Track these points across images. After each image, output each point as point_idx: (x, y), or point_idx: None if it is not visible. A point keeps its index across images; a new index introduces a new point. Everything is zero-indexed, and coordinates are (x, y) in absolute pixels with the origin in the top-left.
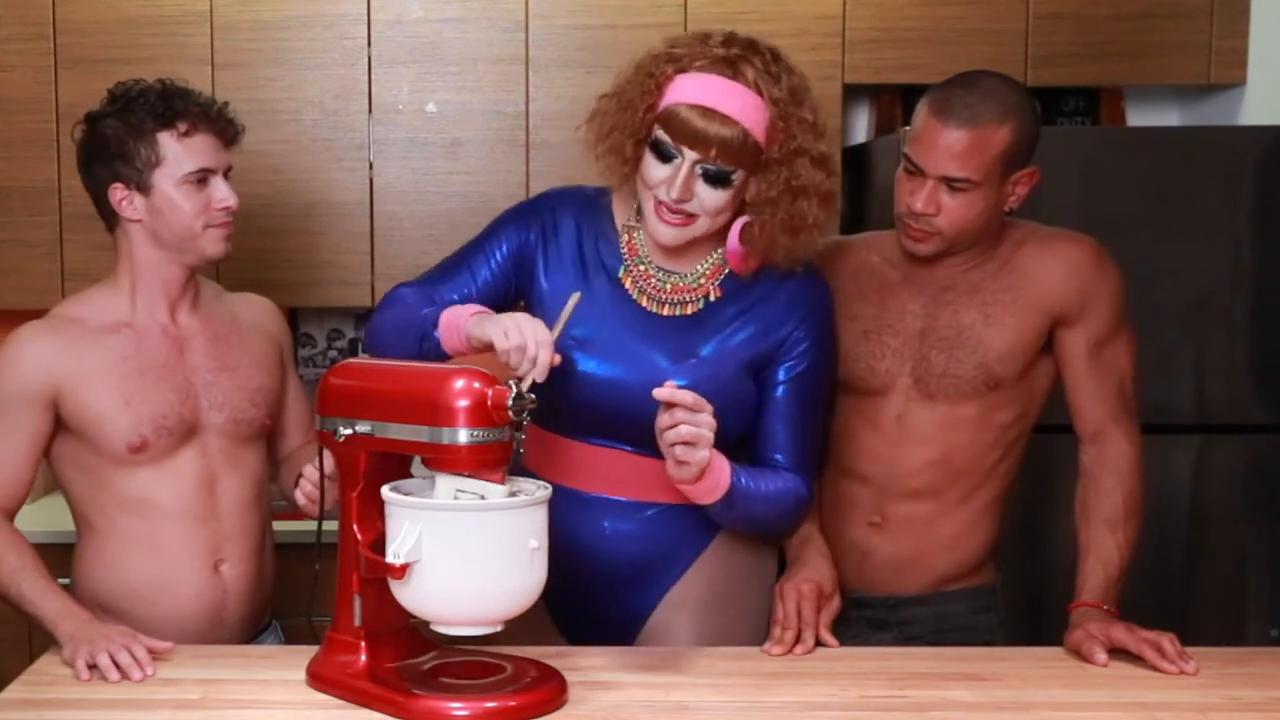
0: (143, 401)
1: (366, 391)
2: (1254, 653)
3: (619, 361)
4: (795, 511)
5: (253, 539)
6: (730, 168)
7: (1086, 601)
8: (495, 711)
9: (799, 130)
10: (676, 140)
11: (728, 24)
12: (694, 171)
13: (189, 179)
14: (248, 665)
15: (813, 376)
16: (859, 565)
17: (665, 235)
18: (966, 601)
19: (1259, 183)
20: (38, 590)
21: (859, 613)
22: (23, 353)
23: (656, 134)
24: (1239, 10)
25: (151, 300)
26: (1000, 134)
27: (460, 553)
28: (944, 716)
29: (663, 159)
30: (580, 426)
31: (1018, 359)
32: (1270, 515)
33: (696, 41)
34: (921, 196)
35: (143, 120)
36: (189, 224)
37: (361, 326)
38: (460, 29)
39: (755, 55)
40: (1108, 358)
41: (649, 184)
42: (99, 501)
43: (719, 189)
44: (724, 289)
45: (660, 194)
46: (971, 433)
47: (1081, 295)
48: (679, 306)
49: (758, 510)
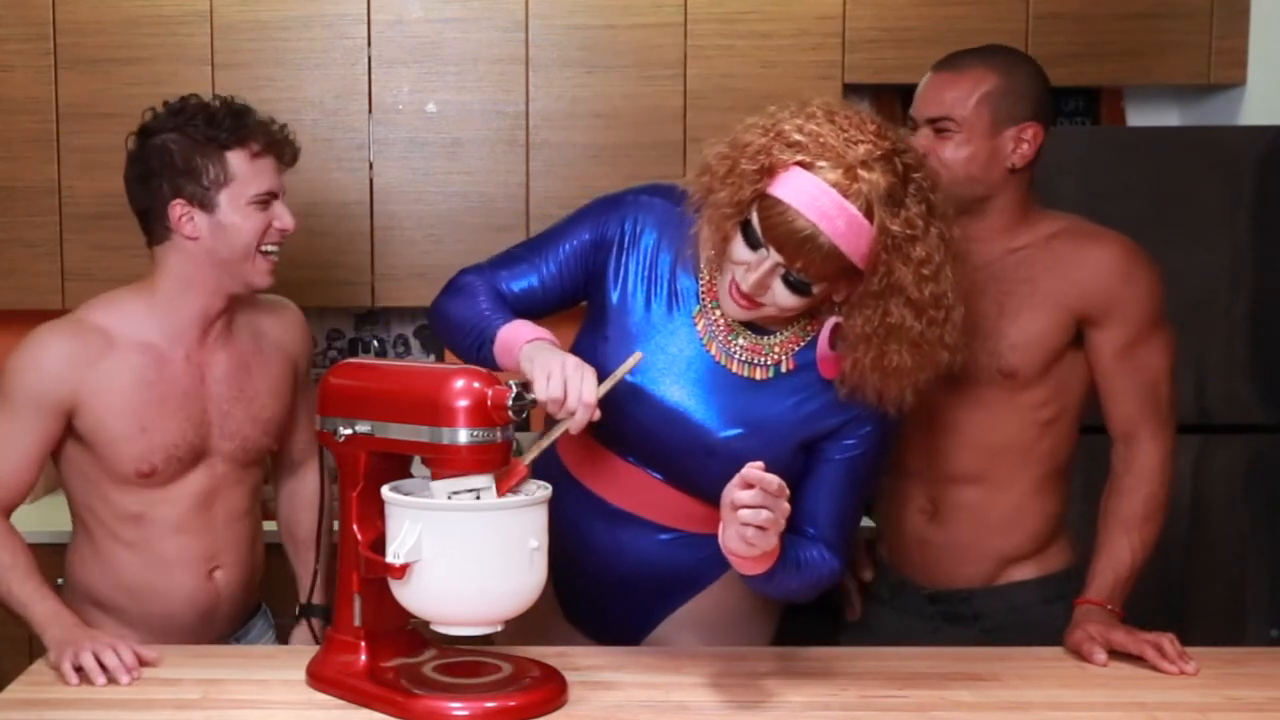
0: (158, 430)
1: (366, 391)
2: (1254, 653)
3: (674, 398)
4: (825, 584)
5: (245, 545)
6: (814, 281)
7: (1092, 599)
8: (495, 711)
9: (901, 267)
10: (767, 237)
11: (727, 24)
12: (775, 272)
13: (255, 200)
14: (248, 665)
15: (866, 460)
16: (919, 555)
17: (732, 311)
18: (1038, 590)
19: (1259, 183)
20: (28, 591)
21: (934, 607)
22: (47, 356)
23: (750, 216)
24: (1239, 10)
25: (185, 321)
26: (985, 78)
27: (460, 553)
28: (944, 716)
29: (750, 244)
30: (620, 442)
31: (1033, 350)
32: (1270, 515)
33: (834, 131)
34: (918, 144)
35: (213, 136)
36: (248, 244)
37: (362, 327)
38: (460, 29)
39: (887, 170)
40: (1138, 360)
41: (731, 260)
42: (97, 510)
43: (797, 295)
44: (798, 362)
45: (738, 275)
46: (998, 416)
47: (1107, 298)
48: (748, 367)
49: (792, 584)
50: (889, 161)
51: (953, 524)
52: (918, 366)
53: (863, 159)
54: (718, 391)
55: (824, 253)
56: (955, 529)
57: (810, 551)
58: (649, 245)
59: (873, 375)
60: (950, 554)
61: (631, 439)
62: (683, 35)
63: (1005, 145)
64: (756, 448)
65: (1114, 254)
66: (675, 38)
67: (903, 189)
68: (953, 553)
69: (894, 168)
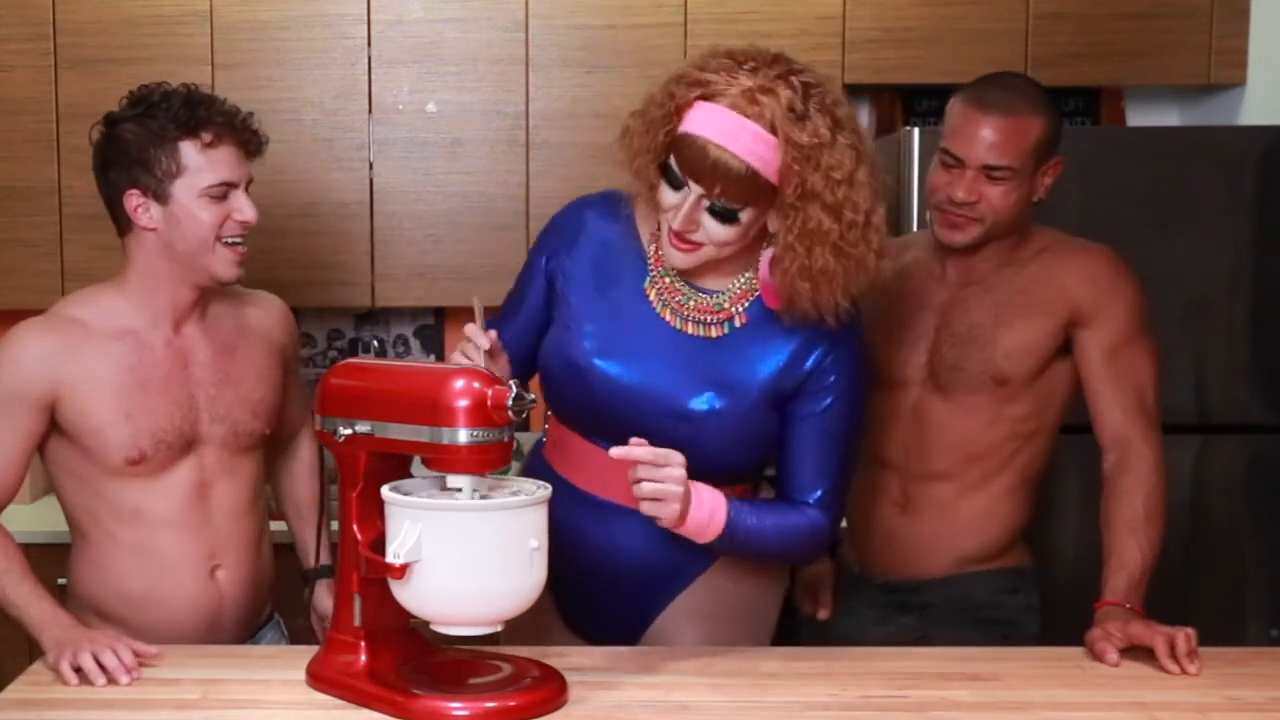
0: (143, 415)
1: (366, 391)
2: (1254, 653)
3: (637, 371)
4: (812, 544)
5: (248, 544)
6: (737, 205)
7: (1109, 600)
8: (495, 711)
9: (812, 174)
10: (684, 172)
11: (727, 24)
12: (700, 204)
13: (209, 191)
14: (248, 665)
15: (838, 411)
16: (884, 547)
17: (675, 260)
18: (990, 582)
19: (1259, 183)
20: (23, 594)
21: (888, 597)
22: (23, 351)
23: (669, 160)
24: (1239, 10)
25: (158, 311)
26: (1035, 124)
27: (460, 553)
28: (944, 716)
29: (673, 186)
30: (595, 429)
31: (1025, 358)
32: (1270, 515)
33: (727, 66)
34: (963, 186)
35: (165, 127)
36: (204, 236)
37: (362, 327)
38: (460, 29)
39: (785, 88)
40: (1124, 364)
41: (661, 207)
42: (93, 510)
43: (725, 225)
44: (750, 316)
45: (668, 217)
46: (984, 423)
47: (1095, 300)
48: (702, 327)
49: (767, 545)
50: (786, 80)
51: (923, 519)
52: (846, 271)
53: (761, 83)
54: (678, 355)
55: (738, 174)
56: (925, 524)
57: (788, 515)
58: (588, 240)
59: (803, 284)
60: (915, 547)
61: (605, 420)
62: (683, 35)
63: (1038, 183)
64: (725, 410)
65: (1099, 261)
66: (675, 38)
67: (804, 104)
68: (917, 546)
69: (792, 85)
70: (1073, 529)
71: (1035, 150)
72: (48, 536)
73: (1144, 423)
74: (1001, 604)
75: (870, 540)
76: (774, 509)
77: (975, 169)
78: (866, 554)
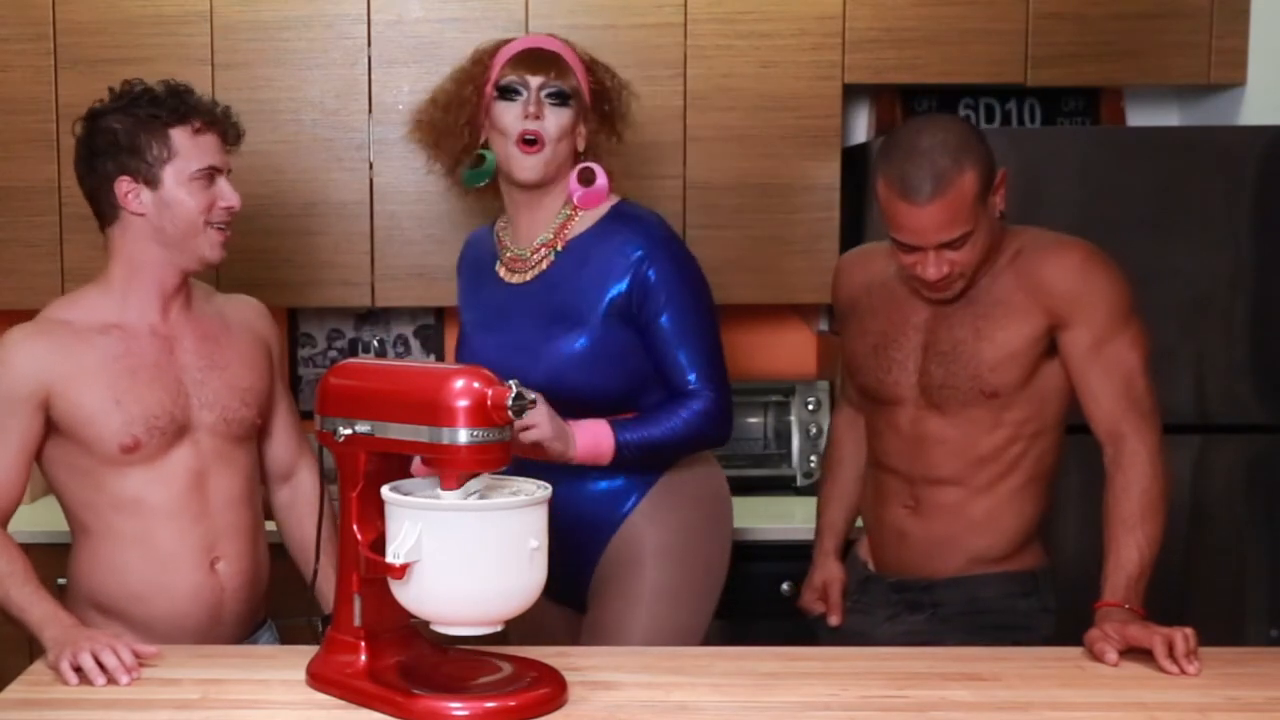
0: (134, 401)
1: (366, 391)
2: (1254, 653)
3: (499, 332)
4: (710, 424)
5: (246, 536)
6: (569, 87)
7: (1108, 601)
8: (495, 711)
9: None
10: (522, 70)
11: (728, 24)
12: (540, 97)
13: (198, 175)
14: (248, 665)
15: (679, 305)
16: (897, 547)
17: (526, 168)
18: (1001, 585)
19: (1259, 183)
20: (25, 595)
21: (899, 595)
22: (13, 355)
23: (502, 81)
24: (1239, 10)
25: (144, 300)
26: (967, 179)
27: (460, 553)
28: (944, 716)
29: (512, 96)
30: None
31: (1012, 368)
32: (1270, 515)
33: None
34: (930, 265)
35: (155, 115)
36: (193, 219)
37: (362, 326)
38: (460, 29)
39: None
40: (1109, 357)
41: (505, 129)
42: (92, 504)
43: (563, 108)
44: (571, 246)
45: (514, 127)
46: (984, 431)
47: (1072, 300)
48: (535, 268)
49: (668, 443)
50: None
51: (934, 520)
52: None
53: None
54: (522, 304)
55: (564, 64)
56: (935, 525)
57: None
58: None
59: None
60: (926, 547)
61: None
62: (683, 35)
63: (994, 207)
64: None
65: (1071, 257)
66: (675, 38)
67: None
68: (929, 546)
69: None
70: (1074, 529)
71: (978, 199)
72: (48, 536)
73: (1135, 416)
74: (1012, 607)
75: (882, 540)
76: (658, 413)
77: (933, 249)
78: (879, 553)
